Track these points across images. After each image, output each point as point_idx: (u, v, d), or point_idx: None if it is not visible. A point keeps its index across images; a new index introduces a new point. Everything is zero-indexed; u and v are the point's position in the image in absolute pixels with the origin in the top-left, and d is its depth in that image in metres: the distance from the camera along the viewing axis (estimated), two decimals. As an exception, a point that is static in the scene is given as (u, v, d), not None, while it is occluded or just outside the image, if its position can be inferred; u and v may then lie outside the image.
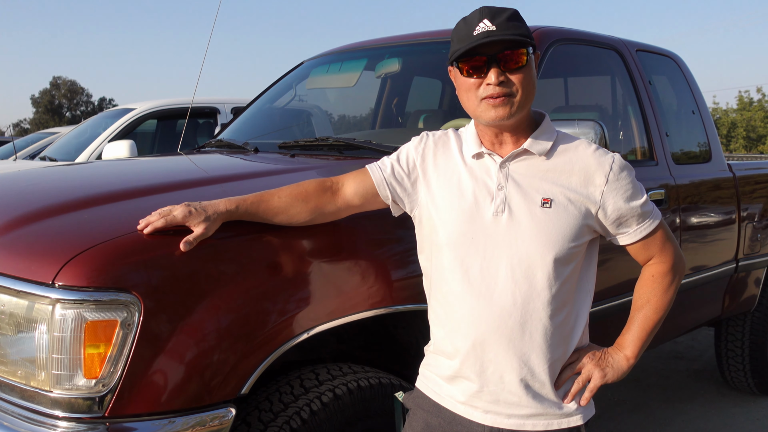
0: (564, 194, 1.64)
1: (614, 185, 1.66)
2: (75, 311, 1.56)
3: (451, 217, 1.68)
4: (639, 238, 1.74)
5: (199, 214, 1.73)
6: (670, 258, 1.78)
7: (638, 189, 1.71)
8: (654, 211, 1.74)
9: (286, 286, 1.85)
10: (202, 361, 1.67)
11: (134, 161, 3.22)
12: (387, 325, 2.41)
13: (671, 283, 1.79)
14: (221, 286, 1.74)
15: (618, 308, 2.89)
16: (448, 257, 1.67)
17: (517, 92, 1.59)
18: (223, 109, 6.35)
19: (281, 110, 3.77)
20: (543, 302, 1.62)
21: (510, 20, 1.59)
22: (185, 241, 1.69)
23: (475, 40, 1.57)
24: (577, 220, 1.64)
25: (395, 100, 3.68)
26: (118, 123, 6.07)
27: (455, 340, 1.69)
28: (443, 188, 1.72)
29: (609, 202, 1.66)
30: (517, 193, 1.65)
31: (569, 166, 1.67)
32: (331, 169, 2.60)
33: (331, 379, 1.98)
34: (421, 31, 3.51)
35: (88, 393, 1.58)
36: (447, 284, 1.69)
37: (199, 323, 1.68)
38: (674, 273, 1.79)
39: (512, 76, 1.59)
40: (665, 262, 1.77)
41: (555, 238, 1.61)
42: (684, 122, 3.69)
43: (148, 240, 1.71)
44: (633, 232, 1.73)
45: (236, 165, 2.78)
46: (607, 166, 1.67)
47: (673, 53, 3.83)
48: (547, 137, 1.69)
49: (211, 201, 1.78)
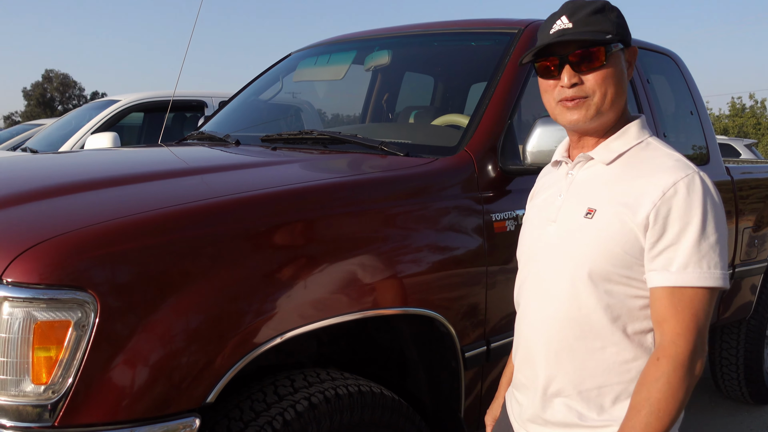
0: (612, 206, 1.42)
1: (667, 205, 1.36)
2: (23, 310, 1.43)
3: (523, 229, 1.65)
4: (661, 283, 1.36)
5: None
6: (678, 340, 1.34)
7: (700, 223, 1.35)
8: (708, 266, 1.34)
9: (262, 286, 1.72)
10: (167, 366, 1.54)
11: (111, 151, 3.09)
12: (369, 329, 2.30)
13: (661, 375, 1.34)
14: (192, 284, 1.61)
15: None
16: (519, 270, 1.64)
17: (594, 94, 1.45)
18: (211, 103, 6.22)
19: (266, 103, 3.65)
20: (575, 322, 1.46)
21: (592, 15, 1.45)
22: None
23: (548, 39, 1.45)
24: (620, 237, 1.39)
25: (386, 95, 3.56)
26: (102, 114, 5.93)
27: (515, 353, 1.66)
28: (531, 201, 1.70)
29: (655, 224, 1.37)
30: (572, 202, 1.50)
31: (630, 176, 1.44)
32: (315, 163, 2.47)
33: (307, 386, 1.85)
34: (412, 23, 3.39)
35: (36, 400, 1.44)
36: (514, 296, 1.67)
37: (165, 324, 1.55)
38: (672, 363, 1.33)
39: (587, 77, 1.44)
40: (667, 342, 1.35)
41: (591, 252, 1.42)
42: (682, 123, 3.59)
43: (108, 234, 1.58)
44: (658, 273, 1.37)
45: (215, 157, 2.65)
46: (671, 180, 1.37)
47: (672, 52, 3.72)
48: (623, 143, 1.49)
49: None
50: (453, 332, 2.13)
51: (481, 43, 3.02)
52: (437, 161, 2.32)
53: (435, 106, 3.40)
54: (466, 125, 2.51)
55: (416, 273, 2.04)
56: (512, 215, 2.34)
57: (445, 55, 3.27)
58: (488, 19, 3.10)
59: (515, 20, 2.91)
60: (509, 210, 2.34)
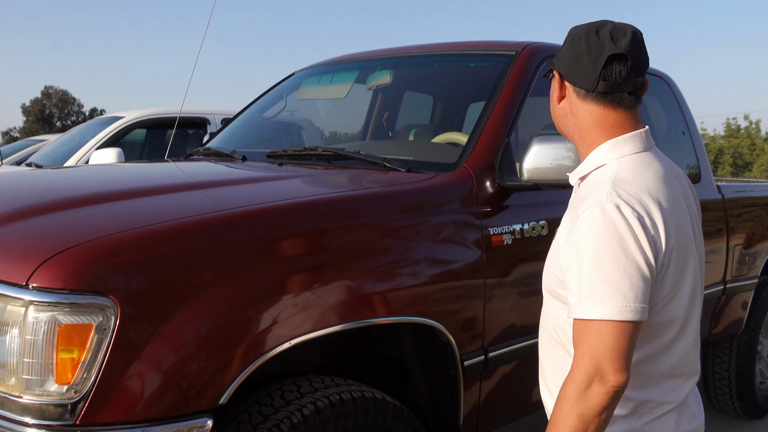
0: (561, 228, 1.54)
1: (574, 234, 1.43)
2: (48, 314, 1.51)
3: None
4: (568, 314, 1.45)
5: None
6: (575, 367, 1.39)
7: (592, 256, 1.37)
8: (600, 299, 1.36)
9: (269, 295, 1.80)
10: (180, 370, 1.62)
11: (119, 166, 3.18)
12: (371, 339, 2.38)
13: (560, 396, 1.40)
14: (202, 292, 1.69)
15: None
16: None
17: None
18: (213, 120, 6.32)
19: (271, 121, 3.75)
20: (545, 331, 1.65)
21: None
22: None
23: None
24: (554, 259, 1.54)
25: (386, 114, 3.67)
26: (106, 131, 6.02)
27: None
28: None
29: (567, 251, 1.45)
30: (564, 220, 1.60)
31: (577, 200, 1.53)
32: (319, 178, 2.56)
33: (312, 392, 1.93)
34: (412, 45, 3.50)
35: (59, 399, 1.52)
36: None
37: (178, 330, 1.63)
38: (567, 386, 1.39)
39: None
40: (572, 365, 1.41)
41: (546, 268, 1.61)
42: (674, 142, 3.69)
43: (127, 243, 1.67)
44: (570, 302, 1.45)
45: (222, 172, 2.74)
46: (582, 209, 1.44)
47: (665, 74, 3.84)
48: (585, 166, 1.57)
49: None
50: (453, 342, 2.21)
51: (479, 64, 3.13)
52: (437, 177, 2.41)
53: (434, 124, 3.50)
54: (465, 143, 2.61)
55: (417, 284, 2.13)
56: (509, 229, 2.43)
57: (445, 75, 3.38)
58: (487, 41, 3.21)
59: (513, 42, 3.03)
60: (507, 224, 2.44)
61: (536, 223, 2.55)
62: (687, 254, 1.50)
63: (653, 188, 1.46)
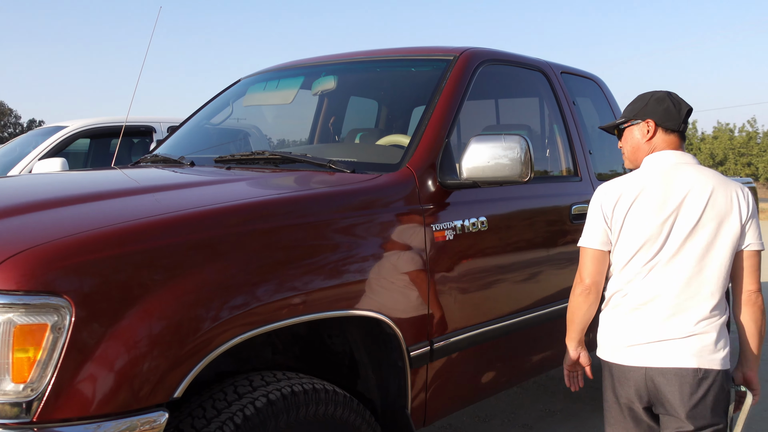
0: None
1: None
2: (4, 315, 1.55)
3: None
4: None
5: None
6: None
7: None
8: (582, 235, 2.38)
9: (219, 293, 1.86)
10: (134, 367, 1.67)
11: (66, 173, 3.19)
12: (321, 334, 2.46)
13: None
14: (154, 292, 1.74)
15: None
16: None
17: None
18: (159, 128, 6.27)
19: (218, 127, 3.79)
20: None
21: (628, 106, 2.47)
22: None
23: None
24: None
25: (332, 119, 3.75)
26: (48, 141, 5.92)
27: None
28: None
29: None
30: None
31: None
32: (267, 180, 2.64)
33: (265, 386, 2.00)
34: (357, 51, 3.60)
35: (15, 398, 1.56)
36: None
37: (130, 329, 1.68)
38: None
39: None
40: None
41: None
42: (606, 141, 3.88)
43: (80, 245, 1.71)
44: None
45: (171, 176, 2.79)
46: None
47: (596, 76, 4.03)
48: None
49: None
50: (399, 334, 2.31)
51: (420, 69, 3.25)
52: (381, 177, 2.52)
53: (379, 128, 3.61)
54: (407, 144, 2.72)
55: (363, 279, 2.22)
56: (451, 225, 2.55)
57: (388, 80, 3.49)
58: (427, 46, 3.33)
59: (452, 48, 3.15)
60: (448, 221, 2.56)
61: (476, 219, 2.67)
62: None
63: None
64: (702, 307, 2.17)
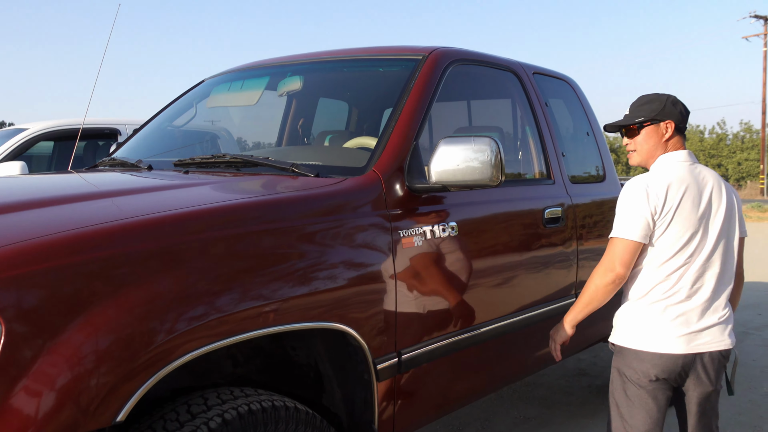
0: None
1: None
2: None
3: None
4: None
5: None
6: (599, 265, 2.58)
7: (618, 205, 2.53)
8: (614, 226, 2.52)
9: (175, 304, 1.74)
10: (76, 387, 1.54)
11: (17, 178, 3.03)
12: (284, 346, 2.34)
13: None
14: (103, 304, 1.62)
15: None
16: None
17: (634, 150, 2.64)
18: (124, 130, 6.11)
19: (181, 129, 3.66)
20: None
21: (633, 105, 2.64)
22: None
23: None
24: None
25: (301, 120, 3.64)
26: (8, 143, 5.73)
27: None
28: None
29: None
30: None
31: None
32: (226, 185, 2.51)
33: (220, 404, 1.88)
34: (324, 50, 3.49)
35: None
36: None
37: (74, 344, 1.55)
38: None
39: (633, 140, 2.64)
40: None
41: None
42: (579, 143, 3.82)
43: (18, 255, 1.58)
44: None
45: (126, 181, 2.65)
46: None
47: (569, 77, 3.97)
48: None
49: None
50: (365, 345, 2.20)
51: (388, 69, 3.15)
52: (346, 181, 2.41)
53: (350, 130, 3.51)
54: (374, 147, 2.61)
55: (326, 289, 2.11)
56: (420, 231, 2.45)
57: (356, 80, 3.39)
58: (395, 46, 3.24)
59: (420, 47, 3.06)
60: (417, 227, 2.45)
61: (446, 224, 2.58)
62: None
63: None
64: (726, 292, 2.50)
